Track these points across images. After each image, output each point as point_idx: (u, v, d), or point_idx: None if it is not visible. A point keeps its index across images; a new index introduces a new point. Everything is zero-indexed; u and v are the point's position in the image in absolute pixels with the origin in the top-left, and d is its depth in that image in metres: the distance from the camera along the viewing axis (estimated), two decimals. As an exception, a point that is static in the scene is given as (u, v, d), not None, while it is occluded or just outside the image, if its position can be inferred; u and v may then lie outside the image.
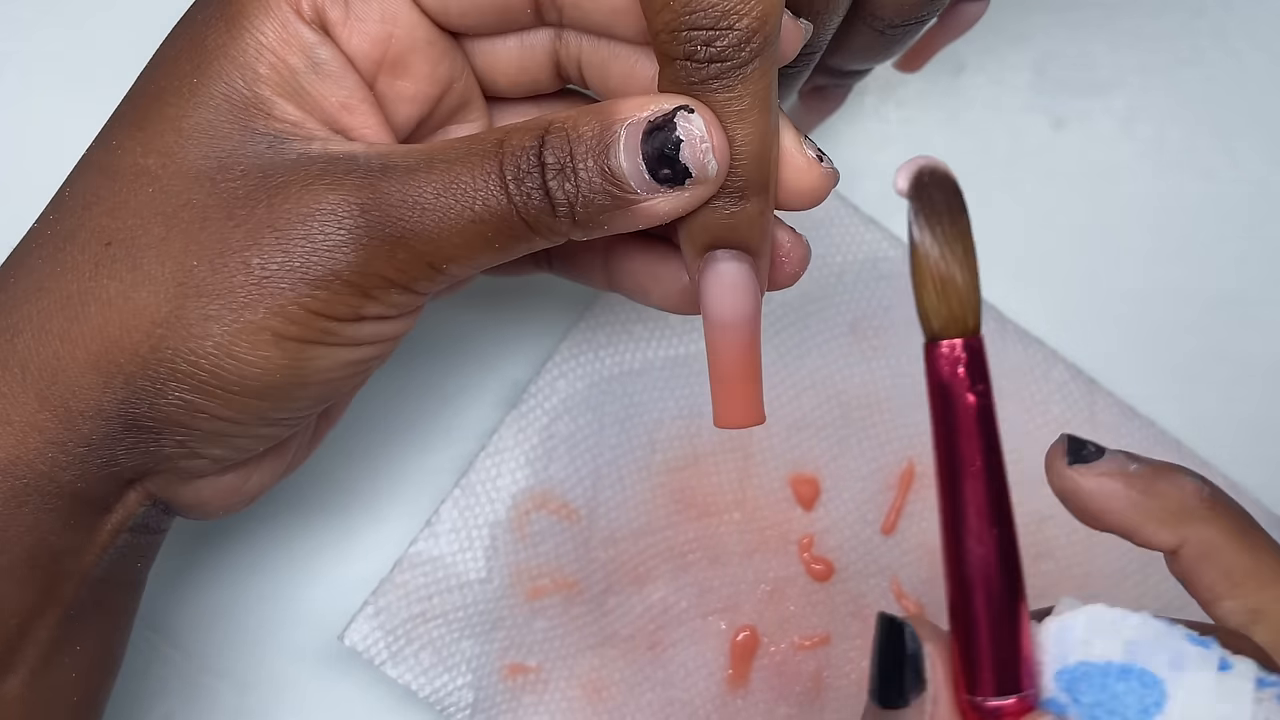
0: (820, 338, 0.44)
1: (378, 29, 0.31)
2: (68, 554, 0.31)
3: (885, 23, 0.34)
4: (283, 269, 0.29)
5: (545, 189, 0.29)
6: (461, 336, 0.44)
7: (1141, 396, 0.44)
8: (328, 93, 0.31)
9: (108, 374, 0.30)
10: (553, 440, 0.43)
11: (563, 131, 0.29)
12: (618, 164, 0.29)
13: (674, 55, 0.28)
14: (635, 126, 0.29)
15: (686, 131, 0.29)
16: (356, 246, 0.29)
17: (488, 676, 0.42)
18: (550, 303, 0.45)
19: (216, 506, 0.34)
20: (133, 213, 0.30)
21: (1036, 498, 0.44)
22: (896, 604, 0.43)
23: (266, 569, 0.43)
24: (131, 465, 0.31)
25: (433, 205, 0.29)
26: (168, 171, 0.30)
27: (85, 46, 0.45)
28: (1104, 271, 0.46)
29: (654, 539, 0.43)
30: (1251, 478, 0.44)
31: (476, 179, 0.29)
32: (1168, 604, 0.43)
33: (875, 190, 0.46)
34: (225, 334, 0.29)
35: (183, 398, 0.30)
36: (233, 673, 0.43)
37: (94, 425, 0.30)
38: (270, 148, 0.30)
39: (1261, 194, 0.46)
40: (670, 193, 0.29)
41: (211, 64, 0.30)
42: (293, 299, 0.29)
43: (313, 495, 0.43)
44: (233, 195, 0.30)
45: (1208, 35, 0.47)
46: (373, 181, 0.29)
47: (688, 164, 0.29)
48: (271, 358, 0.30)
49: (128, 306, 0.29)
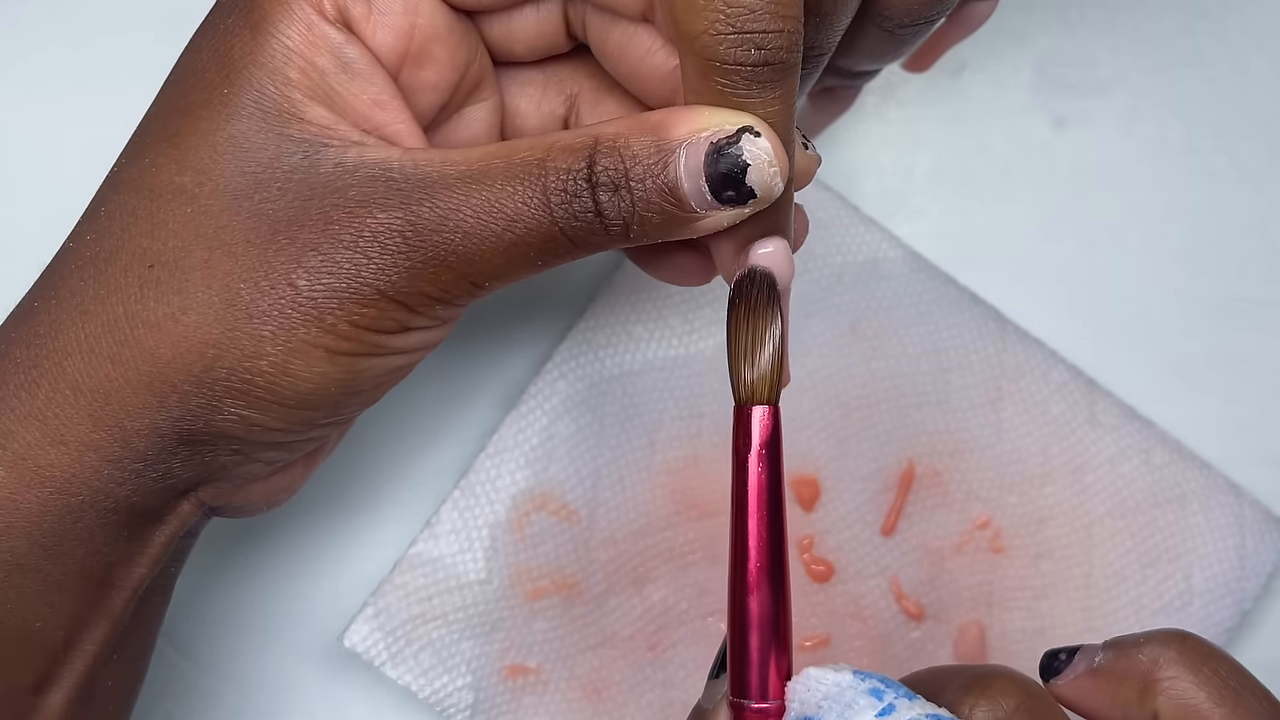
0: (820, 338, 0.44)
1: (401, 21, 0.31)
2: (119, 565, 0.31)
3: (895, 23, 0.34)
4: (329, 290, 0.29)
5: (597, 207, 0.29)
6: (461, 336, 0.44)
7: (1141, 396, 0.44)
8: (359, 91, 0.31)
9: (162, 394, 0.30)
10: (553, 441, 0.43)
11: (614, 151, 0.29)
12: (678, 186, 0.28)
13: (722, 60, 0.28)
14: (696, 148, 0.28)
15: (754, 156, 0.28)
16: (399, 269, 0.29)
17: (488, 677, 0.42)
18: (550, 303, 0.45)
19: (263, 504, 0.35)
20: (172, 234, 0.30)
21: (1037, 498, 0.44)
22: (897, 605, 0.43)
23: (267, 570, 0.43)
24: (187, 477, 0.31)
25: (474, 228, 0.29)
26: (204, 190, 0.30)
27: (85, 47, 0.45)
28: (1104, 271, 0.46)
29: (654, 539, 0.43)
30: (1251, 478, 0.44)
31: (518, 202, 0.29)
32: (1168, 603, 0.43)
33: (875, 190, 0.46)
34: (280, 353, 0.30)
35: (238, 413, 0.30)
36: (233, 674, 0.43)
37: (149, 442, 0.30)
38: (305, 158, 0.30)
39: (1262, 194, 0.46)
40: (730, 209, 0.29)
41: (240, 73, 0.30)
42: (342, 318, 0.30)
43: (313, 496, 0.43)
44: (275, 217, 0.30)
45: (1208, 35, 0.47)
46: (412, 205, 0.29)
47: (754, 186, 0.28)
48: (327, 373, 0.30)
49: (178, 330, 0.30)
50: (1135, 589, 0.43)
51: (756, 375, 0.30)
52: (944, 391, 0.44)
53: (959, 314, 0.44)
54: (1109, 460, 0.44)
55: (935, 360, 0.44)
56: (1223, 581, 0.43)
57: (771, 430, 0.30)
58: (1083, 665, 0.31)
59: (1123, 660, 0.30)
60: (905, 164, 0.46)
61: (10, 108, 0.45)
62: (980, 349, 0.44)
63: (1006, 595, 0.43)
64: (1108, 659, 0.31)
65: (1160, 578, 0.43)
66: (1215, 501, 0.43)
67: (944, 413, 0.44)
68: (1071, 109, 0.47)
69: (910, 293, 0.44)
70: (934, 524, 0.43)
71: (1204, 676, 0.29)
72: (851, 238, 0.45)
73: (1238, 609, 0.43)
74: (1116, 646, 0.31)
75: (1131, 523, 0.43)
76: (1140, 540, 0.43)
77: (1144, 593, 0.43)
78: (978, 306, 0.44)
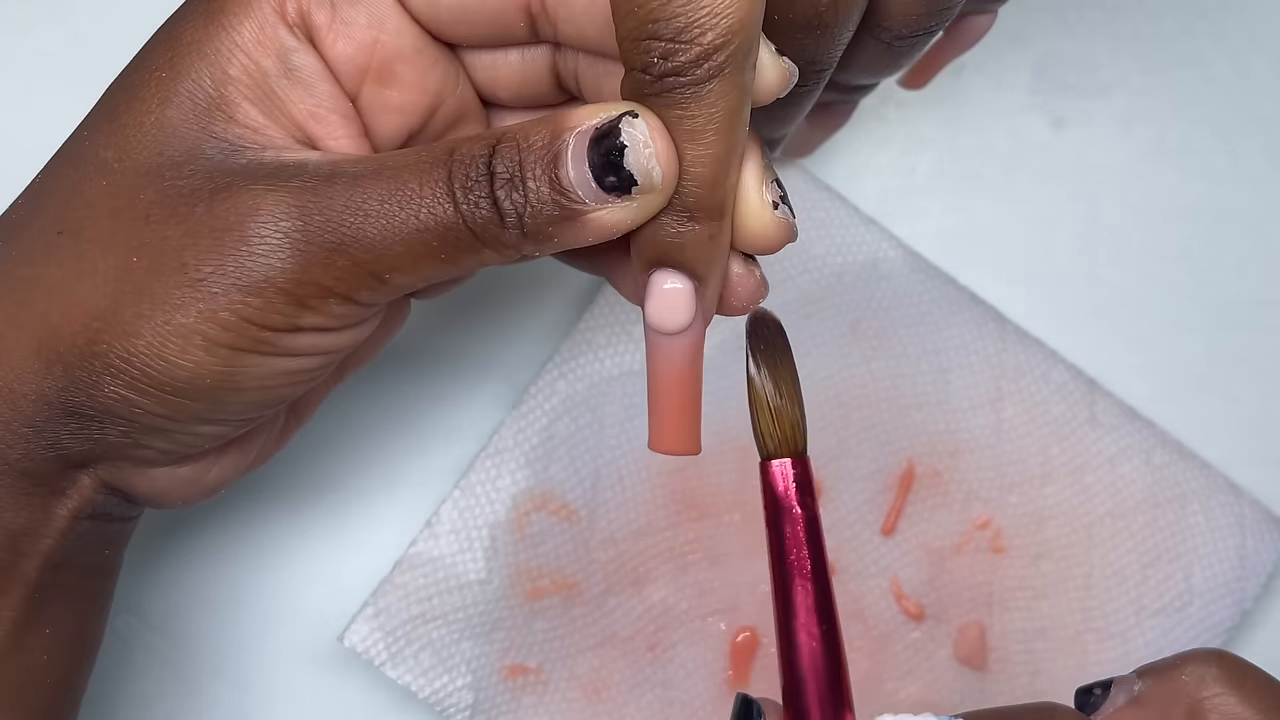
0: (820, 338, 0.44)
1: (363, 34, 0.31)
2: (24, 534, 0.31)
3: (893, 34, 0.34)
4: (217, 272, 0.29)
5: (494, 199, 0.28)
6: (461, 336, 0.44)
7: (1141, 396, 0.45)
8: (297, 99, 0.31)
9: (48, 360, 0.30)
10: (553, 441, 0.43)
11: (513, 141, 0.29)
12: (565, 173, 0.28)
13: (632, 65, 0.28)
14: (583, 135, 0.28)
15: (630, 137, 0.28)
16: (293, 252, 0.29)
17: (488, 677, 0.42)
18: (550, 303, 0.45)
19: (175, 497, 0.34)
20: (85, 203, 0.30)
21: (1037, 498, 0.44)
22: (897, 605, 0.43)
23: (266, 569, 0.43)
24: (78, 450, 0.31)
25: (376, 212, 0.28)
26: (123, 166, 0.30)
27: (85, 47, 0.45)
28: (1104, 272, 0.46)
29: (654, 540, 0.43)
30: (1251, 478, 0.44)
31: (423, 187, 0.28)
32: (1168, 603, 0.43)
33: (875, 190, 0.46)
34: (155, 335, 0.29)
35: (118, 392, 0.30)
36: (232, 673, 0.43)
37: (36, 408, 0.30)
38: (223, 153, 0.30)
39: (1261, 194, 0.46)
40: (618, 203, 0.28)
41: (182, 60, 0.30)
42: (225, 304, 0.29)
43: (313, 496, 0.43)
44: (178, 193, 0.29)
45: (1207, 36, 0.47)
46: (315, 186, 0.29)
47: (632, 170, 0.28)
48: (202, 362, 0.29)
49: (70, 297, 0.30)
50: (1135, 589, 0.43)
51: (786, 425, 0.29)
52: (944, 391, 0.44)
53: (959, 314, 0.44)
54: (1109, 460, 0.44)
55: (935, 360, 0.44)
56: (1223, 581, 0.43)
57: (810, 483, 0.29)
58: (1123, 697, 0.31)
59: (1165, 685, 0.30)
60: (905, 164, 0.46)
61: (10, 108, 0.45)
62: (980, 349, 0.44)
63: (1006, 595, 0.43)
64: (1148, 686, 0.30)
65: (1160, 578, 0.43)
66: (1215, 501, 0.43)
67: (944, 413, 0.44)
68: (1071, 110, 0.47)
69: (910, 293, 0.44)
70: (934, 524, 0.43)
71: (1248, 691, 0.30)
72: (851, 238, 0.45)
73: (1238, 609, 0.43)
74: (1154, 673, 0.31)
75: (1132, 523, 0.43)
76: (1140, 540, 0.43)
77: (1144, 593, 0.43)
78: (978, 306, 0.44)
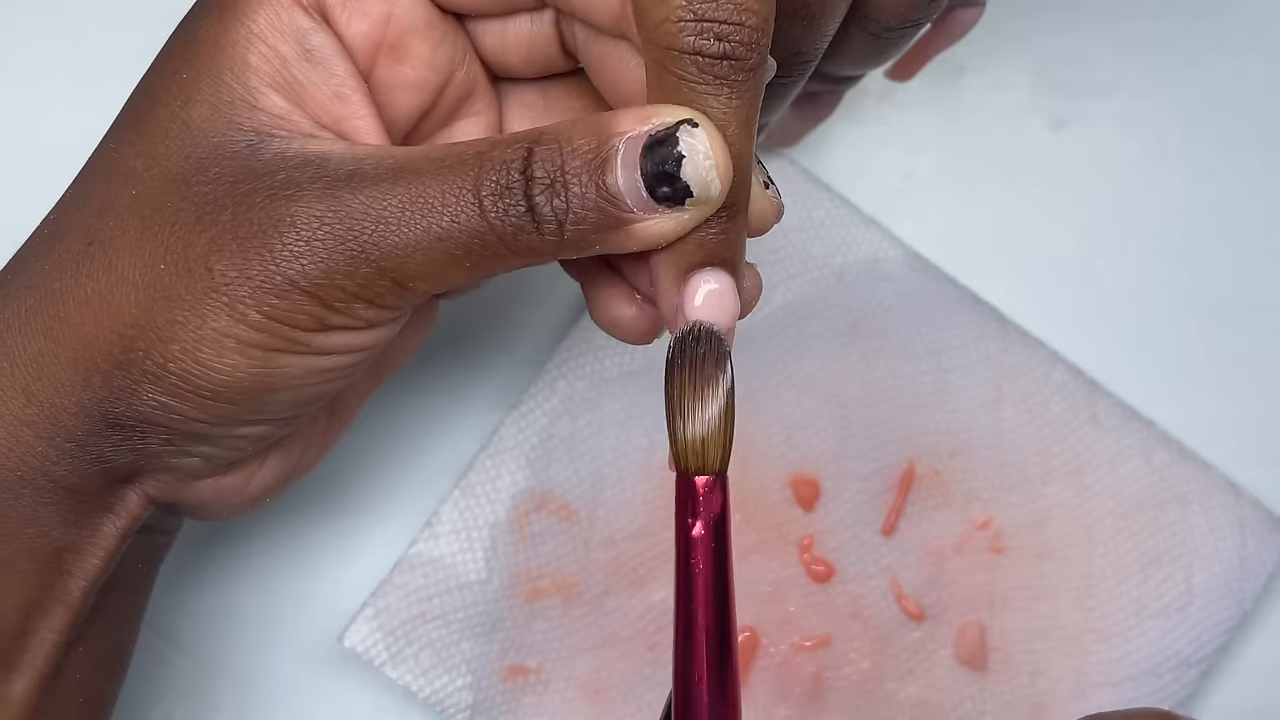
0: (820, 338, 0.44)
1: (378, 9, 0.31)
2: (70, 551, 0.31)
3: (880, 25, 0.34)
4: (243, 276, 0.28)
5: (530, 205, 0.27)
6: (461, 336, 0.44)
7: (1141, 396, 0.44)
8: (320, 80, 0.30)
9: (86, 372, 0.30)
10: (553, 441, 0.43)
11: (554, 144, 0.28)
12: (613, 179, 0.27)
13: (679, 48, 0.27)
14: (634, 141, 0.27)
15: (690, 147, 0.27)
16: (314, 258, 0.28)
17: (487, 678, 0.42)
18: (550, 303, 0.45)
19: (220, 507, 0.34)
20: (115, 214, 0.30)
21: (1037, 498, 0.44)
22: (897, 605, 0.43)
23: (266, 569, 0.43)
24: (122, 462, 0.31)
25: (395, 220, 0.28)
26: (150, 174, 0.30)
27: (85, 47, 0.45)
28: (1104, 272, 0.46)
29: (654, 540, 0.43)
30: (1252, 478, 0.44)
31: (446, 194, 0.28)
32: (1169, 604, 0.43)
33: (875, 190, 0.46)
34: (189, 339, 0.29)
35: (156, 399, 0.29)
36: (233, 673, 0.43)
37: (78, 421, 0.30)
38: (249, 146, 0.29)
39: (1261, 195, 0.46)
40: (669, 214, 0.27)
41: (201, 57, 0.30)
42: (253, 307, 0.29)
43: (313, 496, 0.43)
44: (204, 199, 0.29)
45: (1207, 37, 0.47)
46: (335, 191, 0.28)
47: (689, 181, 0.27)
48: (238, 364, 0.29)
49: (103, 307, 0.29)
50: (1136, 589, 0.43)
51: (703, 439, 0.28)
52: (944, 391, 0.44)
53: (959, 314, 0.44)
54: (1110, 460, 0.44)
55: (935, 360, 0.44)
56: (1223, 582, 0.43)
57: (721, 505, 0.28)
58: None
59: None
60: (905, 165, 0.46)
61: (10, 108, 0.45)
62: (980, 349, 0.44)
63: (1007, 595, 0.43)
64: None
65: (1161, 578, 0.43)
66: (1216, 502, 0.43)
67: (944, 413, 0.44)
68: (1071, 110, 0.47)
69: (910, 293, 0.44)
70: (934, 524, 0.43)
71: None
72: (851, 238, 0.45)
73: (1238, 609, 0.43)
74: None
75: (1132, 523, 0.43)
76: (1141, 540, 0.43)
77: (1145, 593, 0.43)
78: (978, 306, 0.44)
